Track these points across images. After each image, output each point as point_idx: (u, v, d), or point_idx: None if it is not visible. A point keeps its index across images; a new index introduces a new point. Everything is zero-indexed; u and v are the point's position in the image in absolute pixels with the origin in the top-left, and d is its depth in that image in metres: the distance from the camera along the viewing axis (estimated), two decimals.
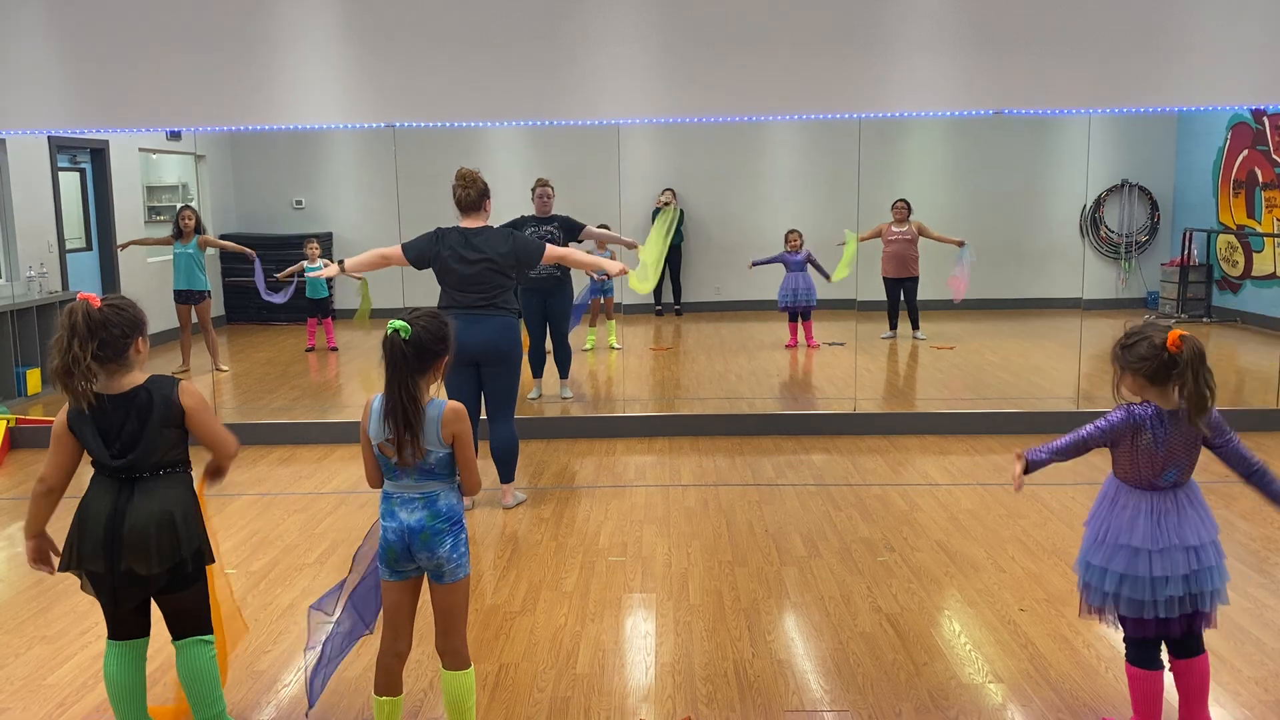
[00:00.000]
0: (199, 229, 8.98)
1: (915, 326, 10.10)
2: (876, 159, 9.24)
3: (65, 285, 8.98)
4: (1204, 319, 10.91)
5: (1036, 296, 10.75)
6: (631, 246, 7.12)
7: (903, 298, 10.05)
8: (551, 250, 5.34)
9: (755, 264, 9.82)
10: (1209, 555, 2.84)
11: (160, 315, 10.24)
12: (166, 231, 11.64)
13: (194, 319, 8.93)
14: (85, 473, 2.91)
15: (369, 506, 5.43)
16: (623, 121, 6.73)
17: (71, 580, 4.49)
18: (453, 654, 2.92)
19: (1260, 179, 10.43)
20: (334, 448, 6.62)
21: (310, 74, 6.47)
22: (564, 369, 7.71)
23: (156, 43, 6.42)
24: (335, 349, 9.94)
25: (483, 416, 5.28)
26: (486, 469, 5.42)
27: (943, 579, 4.33)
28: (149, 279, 10.21)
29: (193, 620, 2.97)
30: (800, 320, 9.73)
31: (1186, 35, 6.32)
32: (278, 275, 9.29)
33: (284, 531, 5.08)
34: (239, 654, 3.67)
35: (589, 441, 6.73)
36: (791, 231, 9.85)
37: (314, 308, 9.89)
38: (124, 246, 9.56)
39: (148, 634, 2.99)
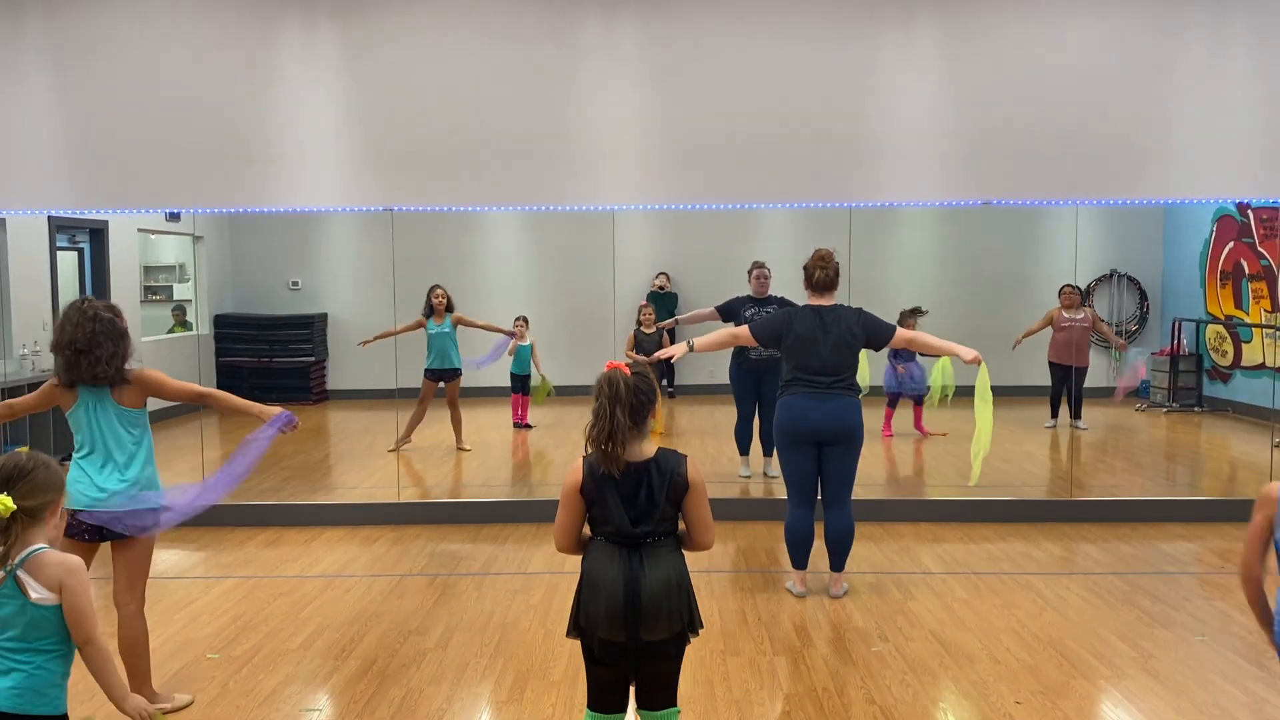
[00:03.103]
0: (450, 307, 8.79)
1: (1077, 415, 9.64)
2: (867, 246, 9.33)
3: None
4: (1195, 408, 10.93)
5: (1028, 384, 10.77)
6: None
7: (1066, 384, 9.65)
8: (902, 332, 5.31)
9: (892, 365, 9.26)
10: None
11: None
12: (165, 312, 11.70)
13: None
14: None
15: (355, 591, 5.35)
16: (618, 208, 6.82)
17: None
18: None
19: (1246, 270, 10.56)
20: (321, 530, 6.55)
21: (309, 157, 6.58)
22: (769, 448, 7.61)
23: (157, 125, 6.54)
24: (522, 425, 9.78)
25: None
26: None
27: (937, 670, 4.26)
28: (144, 358, 10.21)
29: (670, 691, 3.02)
30: (914, 405, 9.35)
31: (1172, 131, 6.47)
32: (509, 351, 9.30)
33: (269, 615, 4.99)
34: None
35: None
36: (911, 315, 8.98)
37: (518, 384, 9.68)
38: (368, 342, 8.73)
39: (626, 709, 3.01)
